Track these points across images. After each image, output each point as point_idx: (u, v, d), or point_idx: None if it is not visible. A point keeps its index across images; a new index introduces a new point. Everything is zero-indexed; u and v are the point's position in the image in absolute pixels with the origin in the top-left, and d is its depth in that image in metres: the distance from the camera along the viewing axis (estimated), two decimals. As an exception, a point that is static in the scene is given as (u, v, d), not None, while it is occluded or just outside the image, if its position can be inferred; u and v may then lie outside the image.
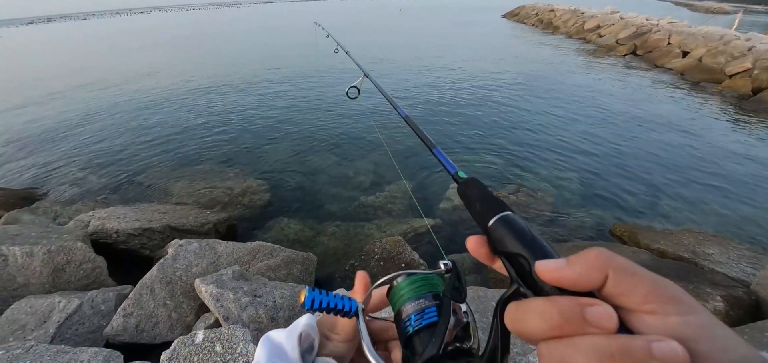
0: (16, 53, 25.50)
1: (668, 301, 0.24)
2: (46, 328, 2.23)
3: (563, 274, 0.27)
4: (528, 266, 0.32)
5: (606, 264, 0.25)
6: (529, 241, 0.34)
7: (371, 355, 0.38)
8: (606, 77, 10.89)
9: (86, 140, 7.00)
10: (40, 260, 2.71)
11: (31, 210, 4.20)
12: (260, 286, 2.22)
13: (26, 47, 29.11)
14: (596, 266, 0.26)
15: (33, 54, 24.34)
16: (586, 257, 0.27)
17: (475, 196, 0.45)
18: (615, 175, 5.27)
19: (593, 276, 0.26)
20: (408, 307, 0.38)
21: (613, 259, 0.26)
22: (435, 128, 7.03)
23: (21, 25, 56.80)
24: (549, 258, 0.30)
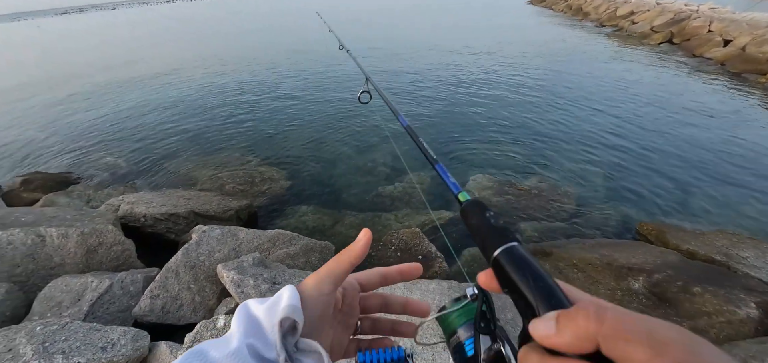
0: (52, 44, 26.71)
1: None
2: (79, 306, 2.36)
3: (553, 341, 0.27)
4: (530, 309, 0.32)
5: (594, 333, 0.25)
6: (533, 279, 0.33)
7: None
8: (638, 67, 10.37)
9: (116, 127, 7.29)
10: (74, 241, 2.85)
11: (66, 193, 4.43)
12: (279, 274, 2.27)
13: (60, 38, 30.44)
14: (585, 336, 0.25)
15: (66, 44, 25.43)
16: (575, 324, 0.26)
17: (479, 222, 0.43)
18: (644, 171, 5.05)
19: (583, 346, 0.25)
20: (453, 338, 0.41)
21: (603, 324, 0.25)
22: (455, 117, 6.92)
23: (55, 16, 59.40)
24: (552, 298, 0.31)
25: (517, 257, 0.36)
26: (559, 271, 3.35)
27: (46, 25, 43.46)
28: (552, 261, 3.43)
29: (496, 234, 0.39)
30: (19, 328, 1.95)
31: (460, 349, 0.40)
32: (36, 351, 1.76)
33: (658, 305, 2.90)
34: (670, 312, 2.83)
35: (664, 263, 3.31)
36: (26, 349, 1.78)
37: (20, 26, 55.06)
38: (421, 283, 1.99)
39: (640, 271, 3.19)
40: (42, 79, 12.95)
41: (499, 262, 0.36)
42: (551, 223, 4.13)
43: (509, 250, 0.36)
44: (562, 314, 0.28)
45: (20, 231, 2.81)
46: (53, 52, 21.61)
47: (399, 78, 9.82)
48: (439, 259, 3.37)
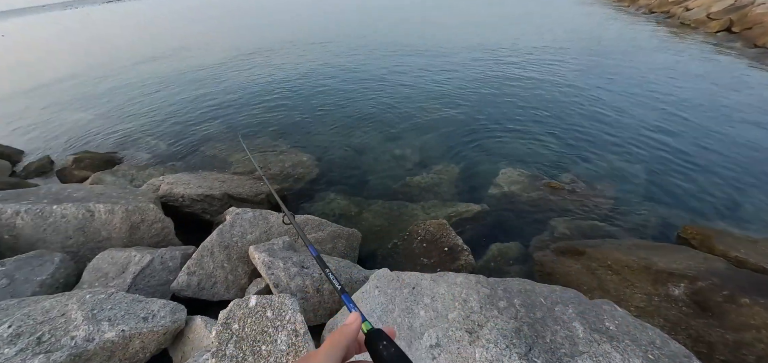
0: (99, 32, 28.30)
1: None
2: (123, 277, 2.52)
3: None
4: None
5: None
6: None
7: None
8: (690, 57, 9.60)
9: (158, 112, 7.67)
10: (119, 217, 3.04)
11: (112, 172, 4.72)
12: (307, 258, 2.32)
13: (107, 25, 32.15)
14: None
15: (113, 32, 26.86)
16: None
17: (377, 353, 0.47)
18: (691, 171, 4.71)
19: None
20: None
21: None
22: (488, 109, 6.73)
23: (102, 4, 62.77)
24: None
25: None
26: (591, 271, 3.22)
27: (95, 14, 46.13)
28: (584, 261, 3.30)
29: None
30: (71, 295, 2.11)
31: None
32: (85, 317, 1.91)
33: (699, 314, 2.73)
34: (712, 322, 2.65)
35: (708, 270, 3.09)
36: (77, 315, 1.93)
37: (71, 14, 58.77)
38: (448, 276, 1.97)
39: (682, 276, 3.01)
40: (91, 66, 13.80)
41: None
42: (585, 221, 3.96)
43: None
44: None
45: (72, 206, 3.02)
46: (100, 39, 22.93)
47: (433, 67, 9.66)
48: (466, 252, 3.33)
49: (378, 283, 1.89)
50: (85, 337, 1.79)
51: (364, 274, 2.42)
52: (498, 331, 1.64)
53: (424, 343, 1.62)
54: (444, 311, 1.77)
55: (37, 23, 48.26)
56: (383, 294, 1.83)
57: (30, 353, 1.73)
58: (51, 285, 2.53)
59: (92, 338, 1.79)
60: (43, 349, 1.75)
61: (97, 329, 1.82)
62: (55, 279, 2.57)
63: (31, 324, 1.89)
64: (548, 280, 3.05)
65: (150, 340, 1.90)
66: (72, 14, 56.48)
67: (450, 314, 1.75)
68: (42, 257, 2.65)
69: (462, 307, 1.79)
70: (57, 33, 30.05)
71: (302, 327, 1.49)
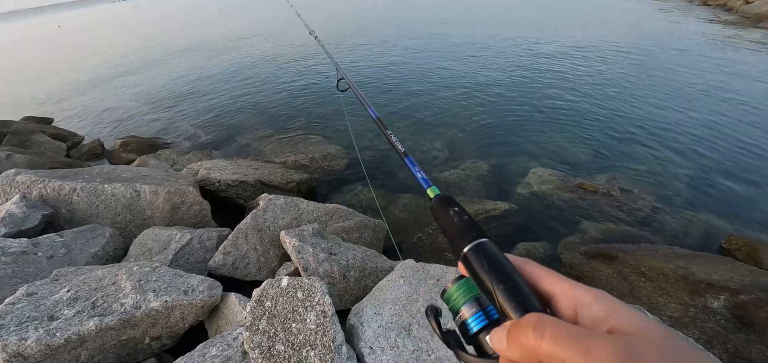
0: (146, 22, 29.83)
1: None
2: (166, 253, 2.70)
3: (505, 353, 0.30)
4: (496, 304, 0.33)
5: (535, 349, 0.26)
6: (497, 278, 0.34)
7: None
8: (748, 56, 8.86)
9: (196, 100, 8.06)
10: (162, 198, 3.25)
11: (156, 156, 5.03)
12: (335, 245, 2.40)
13: (156, 17, 33.81)
14: (529, 353, 0.27)
15: (160, 23, 28.22)
16: (519, 343, 0.28)
17: (448, 218, 0.43)
18: (739, 179, 4.41)
19: (530, 360, 0.27)
20: (458, 316, 0.39)
21: (541, 344, 0.26)
22: (521, 105, 6.58)
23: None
24: (513, 299, 0.32)
25: (483, 254, 0.36)
26: (623, 277, 3.11)
27: (144, 3, 48.73)
28: (616, 266, 3.19)
29: (465, 229, 0.39)
30: (121, 266, 2.30)
31: (464, 326, 0.39)
32: (133, 286, 2.08)
33: (739, 328, 2.59)
34: (753, 338, 2.51)
35: (753, 284, 2.91)
36: (126, 284, 2.10)
37: (119, 6, 62.27)
38: (473, 270, 1.98)
39: (723, 289, 2.85)
40: (135, 56, 14.62)
41: (467, 258, 0.37)
42: (619, 225, 3.82)
43: (478, 246, 0.37)
44: (511, 330, 0.29)
45: (121, 185, 3.26)
46: (147, 30, 24.20)
47: (467, 61, 9.53)
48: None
49: (403, 273, 1.93)
50: (133, 304, 1.95)
51: (389, 265, 2.47)
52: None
53: (446, 333, 1.65)
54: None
55: (88, 15, 51.58)
56: (408, 283, 1.87)
57: (86, 315, 1.91)
58: (102, 256, 2.76)
59: (139, 306, 1.95)
60: (96, 313, 1.93)
61: (144, 298, 1.98)
62: (105, 251, 2.80)
63: (87, 290, 2.08)
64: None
65: (189, 312, 2.04)
66: (120, 6, 59.94)
67: (473, 308, 1.77)
68: (94, 230, 2.89)
69: (426, 319, 1.80)
70: (106, 25, 32.04)
71: (330, 309, 1.56)
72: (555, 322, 0.27)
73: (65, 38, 26.24)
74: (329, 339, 1.46)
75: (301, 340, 1.48)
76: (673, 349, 0.23)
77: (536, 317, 0.28)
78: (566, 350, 0.25)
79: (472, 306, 0.38)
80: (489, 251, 0.37)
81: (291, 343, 1.49)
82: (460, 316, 0.38)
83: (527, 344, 0.27)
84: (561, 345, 0.25)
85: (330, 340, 1.46)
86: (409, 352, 1.54)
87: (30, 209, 2.93)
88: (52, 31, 34.39)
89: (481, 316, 0.37)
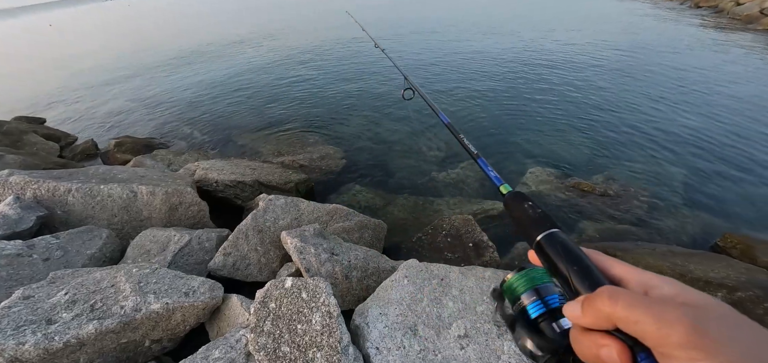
0: (139, 21, 29.53)
1: (676, 346, 0.24)
2: (164, 255, 2.67)
3: (580, 322, 0.32)
4: (568, 287, 0.37)
5: (609, 314, 0.29)
6: (570, 262, 0.37)
7: None
8: (739, 56, 8.99)
9: (191, 100, 7.99)
10: (160, 199, 3.21)
11: (152, 156, 4.97)
12: (337, 245, 2.39)
13: (146, 16, 33.47)
14: (603, 317, 0.30)
15: (152, 21, 27.95)
16: (594, 308, 0.31)
17: (521, 211, 0.48)
18: (734, 178, 4.48)
19: (603, 324, 0.30)
20: (517, 303, 0.44)
21: (616, 308, 0.29)
22: (515, 106, 6.61)
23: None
24: (587, 279, 0.35)
25: (556, 241, 0.40)
26: (622, 275, 3.13)
27: (137, 2, 48.22)
28: (615, 264, 3.21)
29: (537, 221, 0.44)
30: (119, 268, 2.27)
31: (524, 312, 0.43)
32: (133, 289, 2.04)
33: (739, 325, 2.62)
34: (753, 334, 2.54)
35: (750, 281, 2.95)
36: (125, 286, 2.07)
37: (112, 5, 61.55)
38: (477, 270, 1.99)
39: (720, 286, 2.89)
40: (128, 56, 14.45)
41: (541, 245, 0.41)
42: (617, 224, 3.85)
43: (550, 235, 0.41)
44: (585, 299, 0.32)
45: (118, 186, 3.21)
46: (140, 29, 23.94)
47: (451, 62, 9.56)
48: (491, 248, 3.32)
49: (407, 273, 1.93)
50: (133, 307, 1.92)
51: (391, 265, 2.46)
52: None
53: (452, 332, 1.64)
54: (472, 304, 1.78)
55: (79, 14, 50.91)
56: (412, 283, 1.87)
57: (85, 318, 1.88)
58: (99, 258, 2.72)
59: (139, 308, 1.92)
60: (96, 316, 1.90)
61: (144, 300, 1.95)
62: (102, 253, 2.76)
63: (85, 292, 2.05)
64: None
65: (190, 314, 2.01)
66: (115, 5, 59.30)
67: (478, 307, 1.77)
68: (91, 232, 2.84)
69: (490, 301, 1.81)
70: (97, 24, 31.65)
71: (336, 310, 1.55)
72: (629, 292, 0.30)
73: (57, 37, 25.87)
74: (336, 340, 1.45)
75: (307, 341, 1.47)
76: (735, 319, 0.26)
77: (611, 288, 0.31)
78: (639, 313, 0.27)
79: (532, 294, 0.42)
80: (561, 239, 0.41)
81: (297, 344, 1.48)
82: (519, 303, 0.43)
83: (603, 309, 0.30)
84: (635, 309, 0.28)
85: (336, 341, 1.45)
86: (416, 352, 1.54)
87: (24, 211, 2.88)
88: (43, 29, 33.90)
89: (540, 304, 0.41)
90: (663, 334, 0.25)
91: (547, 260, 0.40)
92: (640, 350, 0.28)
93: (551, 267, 0.39)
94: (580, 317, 0.32)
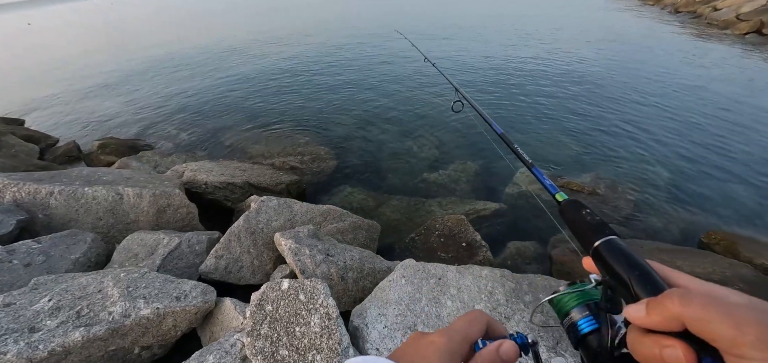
0: (124, 20, 28.85)
1: (750, 346, 0.24)
2: (153, 259, 2.59)
3: (644, 322, 0.32)
4: (629, 293, 0.36)
5: (679, 315, 0.29)
6: (630, 266, 0.37)
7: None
8: (717, 60, 9.30)
9: (178, 100, 7.82)
10: (147, 201, 3.13)
11: (137, 158, 4.84)
12: (332, 246, 2.36)
13: (127, 15, 32.75)
14: (671, 317, 0.30)
15: (137, 21, 27.34)
16: (662, 308, 0.30)
17: (578, 218, 0.49)
18: (716, 176, 4.61)
19: (671, 326, 0.30)
20: (575, 313, 0.44)
21: (687, 309, 0.29)
22: (505, 108, 6.68)
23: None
24: (648, 283, 0.35)
25: (616, 248, 0.40)
26: (612, 272, 3.18)
27: (120, 1, 47.12)
28: (606, 261, 3.26)
29: (595, 228, 0.44)
30: (106, 273, 2.19)
31: (574, 328, 0.43)
32: (121, 294, 1.98)
33: (725, 319, 2.69)
34: (739, 328, 2.61)
35: (734, 276, 3.04)
36: (113, 292, 2.00)
37: (94, 3, 60.02)
38: (474, 269, 1.98)
39: (706, 281, 2.96)
40: (111, 54, 14.10)
41: (599, 251, 0.41)
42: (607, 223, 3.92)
43: (608, 241, 0.41)
44: (651, 300, 0.32)
45: (103, 188, 3.11)
46: (123, 28, 23.39)
47: (450, 64, 9.62)
48: (484, 248, 3.33)
49: (405, 273, 1.91)
50: (122, 312, 1.85)
51: (386, 265, 2.45)
52: (525, 323, 1.65)
53: (451, 332, 1.64)
54: (470, 302, 1.78)
55: (60, 13, 49.50)
56: (410, 283, 1.85)
57: (71, 326, 1.81)
58: (83, 263, 2.62)
59: (129, 314, 1.85)
60: (82, 323, 1.83)
61: (133, 306, 1.89)
62: (87, 258, 2.67)
63: (70, 299, 1.97)
64: (568, 279, 3.04)
65: (182, 319, 1.96)
66: (99, 4, 57.88)
67: (476, 305, 1.76)
68: (75, 236, 2.75)
69: (488, 299, 1.80)
70: (79, 23, 30.79)
71: (334, 311, 1.52)
72: (701, 294, 0.29)
73: (37, 36, 25.06)
74: (335, 342, 1.42)
75: (306, 344, 1.44)
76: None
77: (682, 290, 0.31)
78: (714, 313, 0.27)
79: (583, 310, 0.42)
80: (620, 245, 0.41)
81: (295, 347, 1.45)
82: (569, 318, 0.43)
83: (673, 309, 0.29)
84: (709, 309, 0.27)
85: (336, 342, 1.42)
86: (415, 352, 1.52)
87: (3, 214, 2.77)
88: (21, 29, 32.80)
89: (592, 320, 0.41)
90: (737, 333, 0.25)
91: (605, 265, 0.40)
92: (705, 355, 0.28)
93: (610, 272, 0.39)
94: (645, 317, 0.32)
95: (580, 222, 0.48)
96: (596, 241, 0.42)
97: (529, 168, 0.77)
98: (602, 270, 0.41)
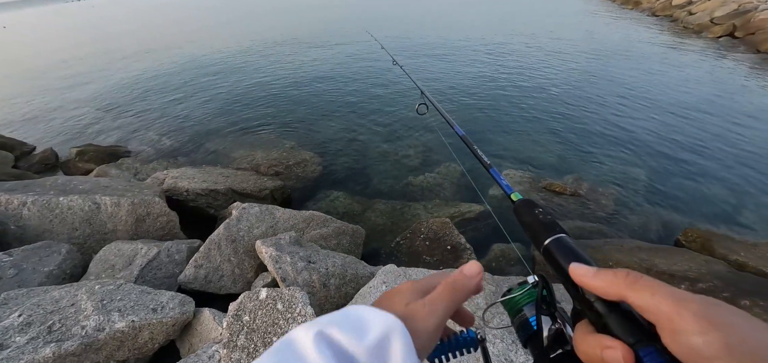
0: (101, 24, 28.22)
1: (690, 321, 0.26)
2: (130, 269, 2.54)
3: (588, 282, 0.33)
4: (575, 289, 0.36)
5: (625, 284, 0.30)
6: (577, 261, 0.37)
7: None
8: (693, 62, 9.62)
9: (159, 106, 7.68)
10: (125, 210, 3.06)
11: (117, 165, 4.73)
12: (314, 253, 2.34)
13: (110, 19, 32.05)
14: (615, 284, 0.31)
15: (116, 24, 26.78)
16: (612, 275, 0.32)
17: (531, 218, 0.50)
18: (692, 175, 4.75)
19: (610, 292, 0.31)
20: (525, 312, 0.45)
21: (635, 283, 0.30)
22: (489, 112, 6.76)
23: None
24: None
25: (564, 246, 0.41)
26: (593, 272, 3.24)
27: (99, 3, 46.01)
28: (586, 261, 3.32)
29: (546, 227, 0.45)
30: (80, 286, 2.13)
31: (525, 324, 0.43)
32: (95, 307, 1.93)
33: (700, 316, 2.76)
34: (713, 324, 2.68)
35: (709, 272, 3.13)
36: (87, 305, 1.95)
37: (72, 6, 58.47)
38: (455, 273, 1.99)
39: (683, 278, 3.04)
40: (91, 60, 13.77)
41: (548, 250, 0.42)
42: (587, 223, 3.99)
43: (557, 240, 0.42)
44: (600, 270, 0.34)
45: (79, 198, 3.04)
46: (102, 32, 22.88)
47: (430, 69, 9.68)
48: (468, 251, 3.36)
49: (385, 279, 1.91)
50: (95, 326, 1.81)
51: (369, 270, 2.44)
52: (505, 326, 1.67)
53: (431, 338, 1.64)
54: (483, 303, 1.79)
55: (37, 16, 48.18)
56: (390, 289, 1.85)
57: (41, 341, 1.75)
58: (58, 275, 2.55)
59: (102, 328, 1.81)
60: (54, 338, 1.77)
61: (107, 319, 1.84)
62: (62, 270, 2.59)
63: (42, 313, 1.91)
64: (551, 280, 3.08)
65: (159, 331, 1.92)
66: (74, 7, 56.44)
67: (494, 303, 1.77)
68: (49, 248, 2.67)
69: (468, 302, 1.82)
70: (57, 26, 30.00)
71: (312, 320, 1.51)
72: (648, 277, 0.31)
73: (11, 40, 24.31)
74: (313, 351, 1.41)
75: (282, 354, 1.43)
76: (743, 312, 0.27)
77: (630, 271, 0.32)
78: (656, 289, 0.29)
79: (532, 309, 0.43)
80: (569, 243, 0.42)
81: (272, 358, 1.43)
82: (518, 317, 0.44)
83: (617, 281, 0.31)
84: (654, 286, 0.29)
85: (313, 352, 1.41)
86: (395, 359, 1.52)
87: (-28, 227, 2.67)
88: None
89: (535, 319, 0.42)
90: (677, 308, 0.27)
91: (553, 263, 0.41)
92: (641, 347, 0.29)
93: (558, 269, 0.40)
94: (591, 277, 0.33)
95: (532, 221, 0.49)
96: (546, 240, 0.43)
97: (487, 169, 0.78)
98: (552, 267, 0.41)
